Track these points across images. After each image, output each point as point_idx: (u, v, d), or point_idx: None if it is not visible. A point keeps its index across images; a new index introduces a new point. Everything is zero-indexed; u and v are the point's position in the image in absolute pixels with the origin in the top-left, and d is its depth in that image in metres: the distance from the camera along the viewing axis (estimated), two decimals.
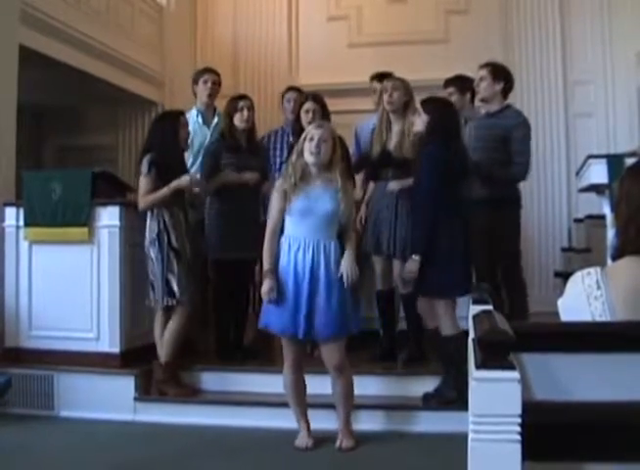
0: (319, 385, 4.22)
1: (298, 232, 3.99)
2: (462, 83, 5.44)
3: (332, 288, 3.95)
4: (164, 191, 4.65)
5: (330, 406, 4.22)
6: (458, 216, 4.34)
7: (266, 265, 4.03)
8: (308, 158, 3.99)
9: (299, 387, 4.16)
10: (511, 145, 4.97)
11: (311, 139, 3.99)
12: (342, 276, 3.96)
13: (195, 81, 5.83)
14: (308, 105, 5.15)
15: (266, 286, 3.98)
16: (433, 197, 4.26)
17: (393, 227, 4.81)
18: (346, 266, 3.97)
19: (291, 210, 4.00)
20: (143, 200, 4.71)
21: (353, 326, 4.06)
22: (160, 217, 4.68)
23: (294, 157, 4.08)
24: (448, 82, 5.51)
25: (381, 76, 5.58)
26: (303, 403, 4.19)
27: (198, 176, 4.92)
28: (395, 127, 4.98)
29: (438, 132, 4.35)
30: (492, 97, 5.12)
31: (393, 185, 4.81)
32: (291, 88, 6.05)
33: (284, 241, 4.03)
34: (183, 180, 4.67)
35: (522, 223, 5.30)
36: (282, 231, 4.06)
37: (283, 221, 4.05)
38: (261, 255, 4.11)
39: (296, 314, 3.93)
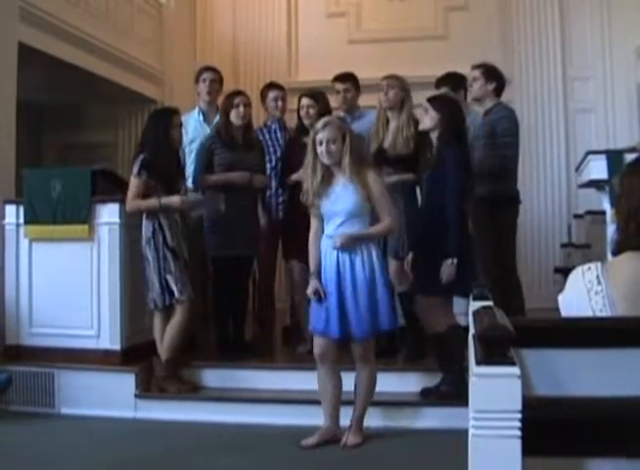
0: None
1: (328, 233, 4.05)
2: (455, 81, 5.43)
3: (358, 289, 3.95)
4: (153, 204, 4.63)
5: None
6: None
7: (311, 268, 4.14)
8: (324, 160, 4.01)
9: (325, 382, 4.11)
10: (498, 139, 5.03)
11: (320, 143, 3.98)
12: (369, 277, 3.96)
13: (196, 80, 5.83)
14: (304, 101, 5.16)
15: (310, 288, 4.08)
16: (461, 197, 4.28)
17: None
18: (343, 235, 3.95)
19: (321, 213, 4.07)
20: (130, 203, 4.70)
21: (384, 324, 4.01)
22: (154, 218, 4.67)
23: (309, 159, 4.06)
24: (440, 82, 5.48)
25: (341, 77, 5.59)
26: (329, 402, 4.13)
27: (191, 197, 4.87)
28: (392, 125, 5.00)
29: (453, 130, 4.35)
30: (484, 97, 5.22)
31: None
32: (273, 86, 5.94)
33: (321, 243, 4.10)
34: (174, 201, 4.64)
35: (521, 220, 5.32)
36: None
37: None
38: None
39: (327, 315, 3.97)
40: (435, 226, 4.31)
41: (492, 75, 5.20)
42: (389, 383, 4.62)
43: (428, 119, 4.44)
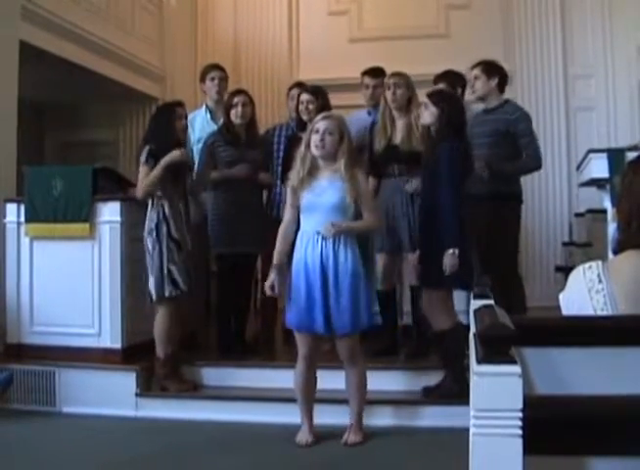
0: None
1: (308, 227, 3.97)
2: (452, 78, 5.40)
3: (341, 283, 3.90)
4: (157, 169, 4.62)
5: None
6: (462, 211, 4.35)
7: (274, 261, 4.06)
8: (314, 150, 3.96)
9: (309, 383, 4.10)
10: (516, 139, 5.00)
11: (317, 131, 3.95)
12: (352, 271, 3.91)
13: (202, 79, 5.81)
14: (304, 96, 5.16)
15: (269, 281, 4.01)
16: (458, 192, 4.26)
17: (412, 222, 4.80)
18: (337, 223, 3.89)
19: (301, 205, 4.01)
20: (140, 186, 4.70)
21: (365, 321, 3.97)
22: (159, 208, 4.66)
23: (302, 149, 4.03)
24: (438, 78, 5.46)
25: (372, 72, 5.58)
26: (310, 400, 4.14)
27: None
28: (400, 122, 4.96)
29: (452, 125, 4.34)
30: (489, 93, 5.16)
31: (414, 185, 4.79)
32: (296, 85, 5.95)
33: (298, 237, 4.02)
34: (174, 154, 4.65)
35: (522, 218, 5.31)
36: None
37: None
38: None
39: (311, 310, 3.91)
40: (432, 223, 4.31)
41: (493, 71, 5.15)
42: (391, 381, 4.63)
43: (427, 115, 4.42)
